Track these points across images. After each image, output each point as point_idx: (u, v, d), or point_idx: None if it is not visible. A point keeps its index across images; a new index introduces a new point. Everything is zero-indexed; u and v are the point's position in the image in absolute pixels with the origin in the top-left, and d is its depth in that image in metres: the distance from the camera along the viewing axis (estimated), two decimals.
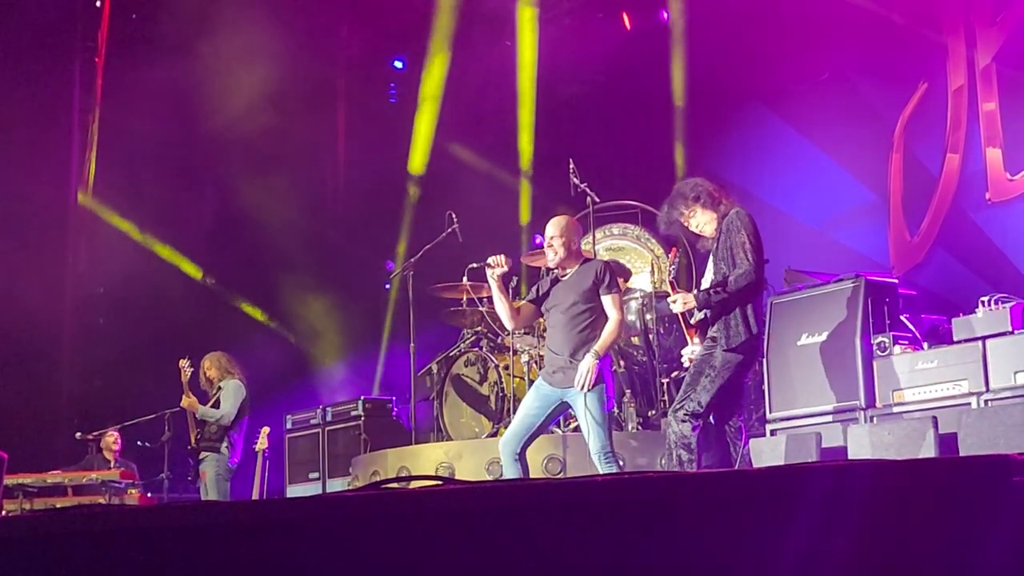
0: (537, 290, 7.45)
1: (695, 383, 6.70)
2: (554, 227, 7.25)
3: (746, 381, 7.14)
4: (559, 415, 7.57)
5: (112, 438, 11.25)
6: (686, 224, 6.96)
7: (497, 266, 7.19)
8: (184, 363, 10.15)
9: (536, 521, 2.31)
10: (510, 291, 8.88)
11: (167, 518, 2.41)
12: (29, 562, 2.42)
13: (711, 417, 6.73)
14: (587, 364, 6.93)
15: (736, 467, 6.82)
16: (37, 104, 12.78)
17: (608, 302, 7.12)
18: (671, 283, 6.98)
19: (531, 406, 7.18)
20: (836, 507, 2.19)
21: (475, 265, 7.58)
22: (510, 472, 7.13)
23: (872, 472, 2.27)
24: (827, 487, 2.20)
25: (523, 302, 7.55)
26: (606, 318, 7.12)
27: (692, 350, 6.90)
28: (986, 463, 2.24)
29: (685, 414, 6.63)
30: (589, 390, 6.92)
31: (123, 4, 13.36)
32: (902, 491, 2.20)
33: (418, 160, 13.95)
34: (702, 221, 6.91)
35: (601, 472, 6.87)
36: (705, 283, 6.92)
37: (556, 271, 7.35)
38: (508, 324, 7.55)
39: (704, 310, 6.80)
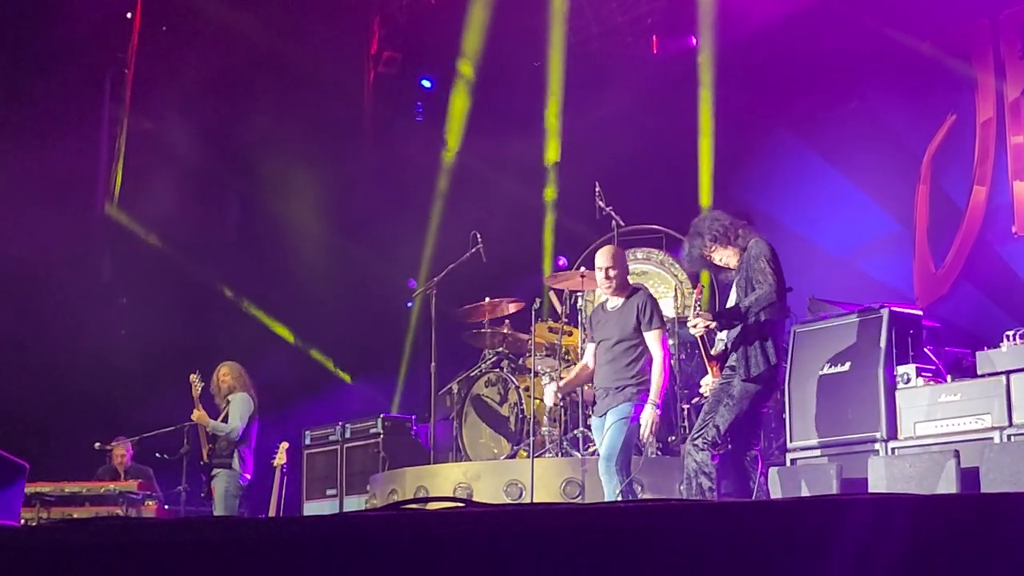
0: (591, 328, 7.66)
1: (713, 411, 6.77)
2: (607, 258, 7.34)
3: (763, 410, 7.20)
4: None
5: (121, 451, 11.20)
6: (710, 258, 7.04)
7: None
8: (194, 377, 10.04)
9: (557, 546, 2.29)
10: (533, 313, 9.09)
11: (178, 533, 2.37)
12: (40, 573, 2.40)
13: (729, 445, 6.78)
14: (648, 416, 7.16)
15: (753, 495, 6.83)
16: (67, 115, 12.85)
17: (651, 339, 7.26)
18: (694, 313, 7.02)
19: (599, 440, 7.46)
20: (871, 542, 2.17)
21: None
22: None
23: (912, 507, 2.24)
24: (864, 520, 2.18)
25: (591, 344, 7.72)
26: (650, 353, 7.25)
27: (710, 380, 6.96)
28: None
29: (704, 442, 6.71)
30: (650, 434, 7.24)
31: (154, 17, 13.42)
32: (940, 527, 2.17)
33: (444, 178, 13.96)
34: (724, 255, 7.08)
35: (602, 480, 7.20)
36: None
37: (604, 299, 7.57)
38: None
39: (724, 330, 6.85)
